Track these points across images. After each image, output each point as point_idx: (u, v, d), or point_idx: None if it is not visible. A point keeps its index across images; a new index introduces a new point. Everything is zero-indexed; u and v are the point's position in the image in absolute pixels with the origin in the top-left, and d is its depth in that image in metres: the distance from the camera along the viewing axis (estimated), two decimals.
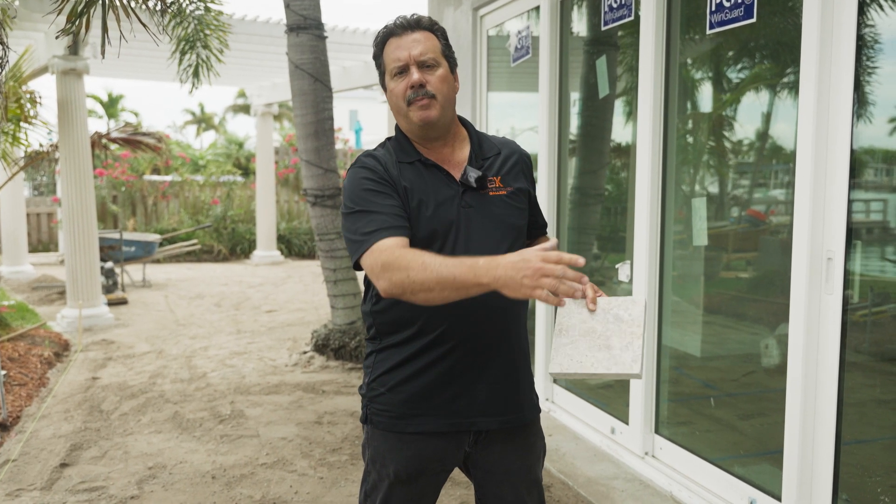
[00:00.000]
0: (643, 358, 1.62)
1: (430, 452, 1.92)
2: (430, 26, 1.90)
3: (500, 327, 1.89)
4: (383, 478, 1.94)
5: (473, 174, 1.88)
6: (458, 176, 1.90)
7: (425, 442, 1.91)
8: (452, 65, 1.92)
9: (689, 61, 3.67)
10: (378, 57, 1.92)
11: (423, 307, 1.76)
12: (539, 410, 2.05)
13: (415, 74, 1.83)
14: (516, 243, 1.94)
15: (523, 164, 2.01)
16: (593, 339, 1.67)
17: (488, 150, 1.97)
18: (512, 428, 1.97)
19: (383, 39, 1.90)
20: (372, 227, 1.76)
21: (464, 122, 2.01)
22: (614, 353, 1.63)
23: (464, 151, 1.95)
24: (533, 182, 2.05)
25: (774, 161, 3.36)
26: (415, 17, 1.90)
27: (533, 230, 2.09)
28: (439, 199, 1.86)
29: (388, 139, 1.98)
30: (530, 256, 1.52)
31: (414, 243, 1.80)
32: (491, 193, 1.90)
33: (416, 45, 1.84)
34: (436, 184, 1.88)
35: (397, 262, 1.66)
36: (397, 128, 1.97)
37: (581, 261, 1.52)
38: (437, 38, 1.89)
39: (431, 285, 1.62)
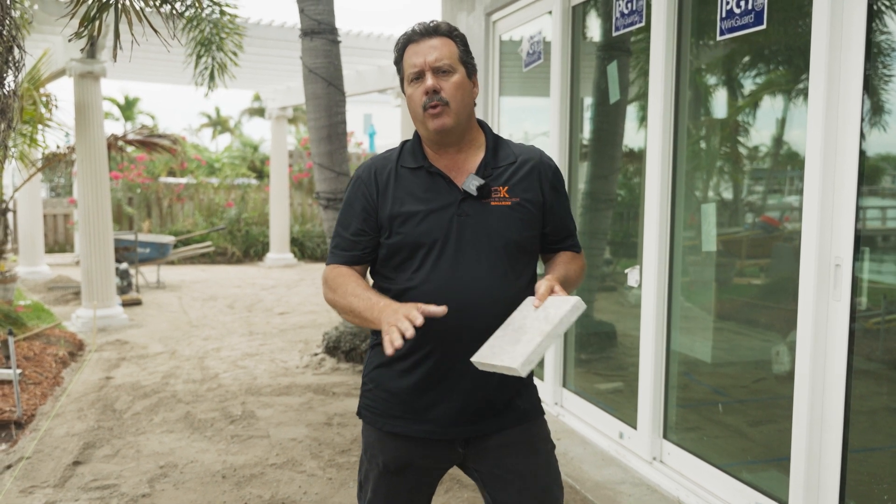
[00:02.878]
0: (532, 356, 1.62)
1: (414, 451, 1.94)
2: (448, 32, 1.90)
3: (478, 337, 1.79)
4: (373, 467, 1.99)
5: (474, 183, 1.86)
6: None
7: (407, 442, 1.93)
8: (470, 71, 1.92)
9: (699, 67, 3.68)
10: (398, 62, 1.94)
11: None
12: (533, 416, 1.98)
13: (429, 80, 1.84)
14: (517, 257, 1.90)
15: (539, 173, 1.94)
16: (517, 334, 1.71)
17: (503, 159, 1.93)
18: (504, 431, 1.94)
19: (403, 45, 1.92)
20: (334, 244, 1.99)
21: (484, 128, 1.99)
22: (516, 348, 1.66)
23: (477, 158, 1.93)
24: (555, 191, 1.97)
25: (789, 167, 3.36)
26: (433, 23, 1.91)
27: (553, 244, 2.02)
28: (433, 207, 1.87)
29: (406, 142, 2.00)
30: (398, 307, 1.69)
31: (400, 251, 1.88)
32: (493, 203, 1.88)
33: (433, 51, 1.86)
34: (434, 192, 1.88)
35: (332, 283, 1.92)
36: (416, 131, 1.99)
37: (437, 311, 1.67)
38: (455, 44, 1.90)
39: (344, 310, 1.87)
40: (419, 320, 1.62)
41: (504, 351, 1.69)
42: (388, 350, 1.61)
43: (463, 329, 1.83)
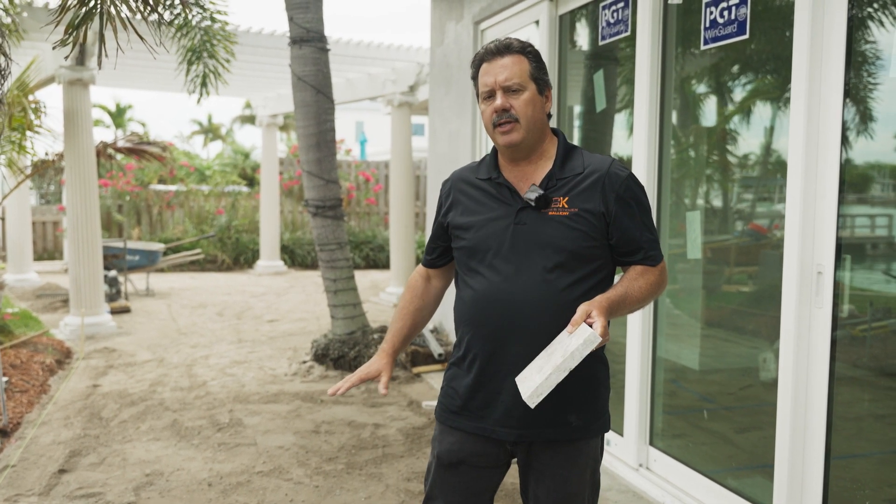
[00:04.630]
0: (540, 388, 1.67)
1: (467, 447, 2.04)
2: (520, 49, 1.97)
3: (527, 345, 1.89)
4: (433, 459, 2.11)
5: (533, 193, 1.92)
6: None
7: (462, 437, 2.04)
8: (542, 86, 1.98)
9: (684, 76, 3.71)
10: (474, 79, 2.03)
11: (464, 311, 2.02)
12: (584, 435, 1.99)
13: (498, 100, 1.93)
14: (574, 266, 1.91)
15: (604, 184, 1.92)
16: (546, 360, 1.75)
17: (570, 170, 1.96)
18: (551, 442, 1.99)
19: (478, 63, 2.01)
20: (425, 248, 2.23)
21: (558, 139, 2.03)
22: (535, 378, 1.71)
23: (544, 169, 1.98)
24: (621, 202, 1.91)
25: (779, 175, 3.39)
26: (506, 42, 1.98)
27: (622, 256, 1.97)
28: (492, 216, 1.97)
29: (488, 154, 2.10)
30: (370, 363, 2.12)
31: (463, 256, 2.04)
32: (550, 213, 1.92)
33: (503, 70, 1.93)
34: (498, 202, 1.98)
35: (406, 286, 2.23)
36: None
37: (381, 390, 2.04)
38: (527, 61, 1.96)
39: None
40: (340, 390, 2.01)
41: (530, 378, 1.74)
42: (329, 391, 1.96)
43: (508, 334, 1.93)
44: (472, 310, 1.99)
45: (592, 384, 1.99)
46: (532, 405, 1.69)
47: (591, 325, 1.70)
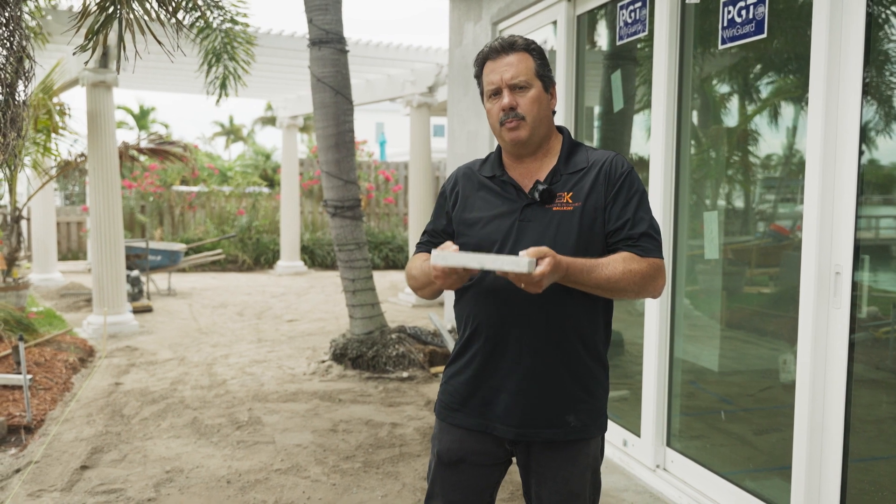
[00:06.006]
0: (448, 257, 1.72)
1: (467, 444, 2.04)
2: (525, 47, 1.96)
3: (527, 342, 1.91)
4: (433, 457, 2.11)
5: (537, 189, 1.92)
6: None
7: (461, 434, 2.04)
8: (547, 84, 1.98)
9: (703, 76, 3.69)
10: (478, 77, 2.02)
11: (464, 308, 2.00)
12: (583, 435, 1.98)
13: (505, 98, 1.92)
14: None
15: (605, 175, 1.92)
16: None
17: (575, 165, 1.96)
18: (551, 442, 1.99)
19: (482, 61, 2.00)
20: (420, 239, 2.15)
21: (563, 136, 2.03)
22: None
23: (549, 166, 1.99)
24: (615, 190, 1.91)
25: (801, 176, 3.36)
26: (510, 39, 1.97)
27: (610, 245, 1.93)
28: (497, 213, 1.96)
29: (493, 152, 2.10)
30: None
31: (468, 251, 1.96)
32: (554, 209, 1.92)
33: (509, 68, 1.92)
34: (502, 199, 1.98)
35: (408, 266, 2.10)
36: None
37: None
38: (532, 59, 1.95)
39: (411, 283, 2.07)
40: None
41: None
42: (435, 262, 1.74)
43: (510, 331, 1.92)
44: (474, 307, 1.98)
45: (591, 385, 1.99)
46: (432, 262, 1.74)
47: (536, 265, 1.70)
